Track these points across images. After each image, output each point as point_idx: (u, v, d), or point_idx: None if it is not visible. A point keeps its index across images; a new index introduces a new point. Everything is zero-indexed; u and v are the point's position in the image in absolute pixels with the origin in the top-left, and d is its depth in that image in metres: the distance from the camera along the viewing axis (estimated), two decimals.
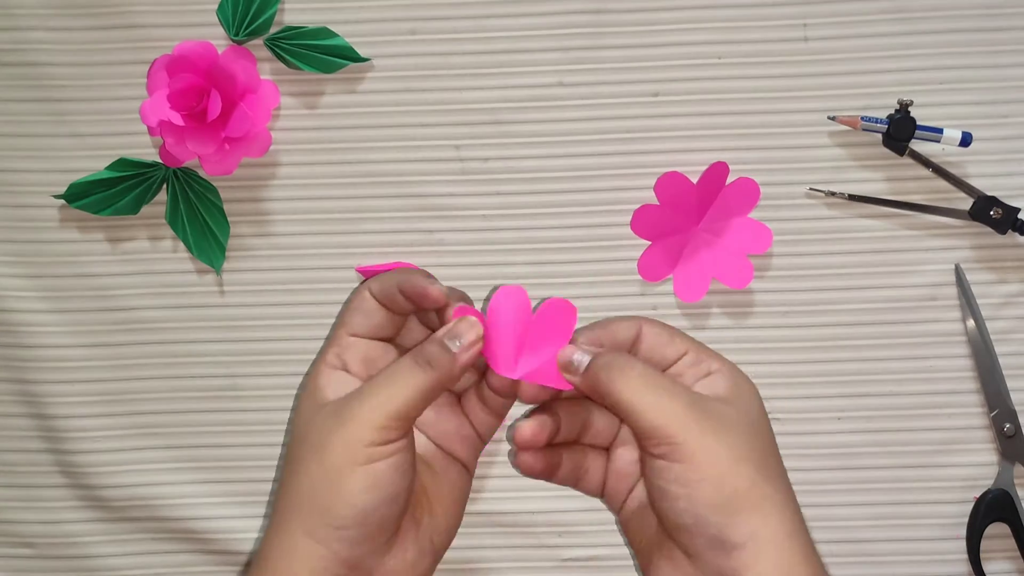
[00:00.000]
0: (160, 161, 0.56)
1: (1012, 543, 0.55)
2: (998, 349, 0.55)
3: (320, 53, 0.55)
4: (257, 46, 0.56)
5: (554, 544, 0.57)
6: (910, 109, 0.54)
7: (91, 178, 0.55)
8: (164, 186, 0.56)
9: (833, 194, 0.55)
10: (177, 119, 0.53)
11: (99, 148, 0.56)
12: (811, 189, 0.55)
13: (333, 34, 0.55)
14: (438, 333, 0.44)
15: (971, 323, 0.55)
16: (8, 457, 0.58)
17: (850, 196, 0.55)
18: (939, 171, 0.55)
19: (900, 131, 0.53)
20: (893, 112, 0.54)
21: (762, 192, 0.55)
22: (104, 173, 0.55)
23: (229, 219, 0.56)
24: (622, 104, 0.55)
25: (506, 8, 0.55)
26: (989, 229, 0.54)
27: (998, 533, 0.55)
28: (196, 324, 0.57)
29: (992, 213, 0.54)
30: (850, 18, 0.55)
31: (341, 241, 0.56)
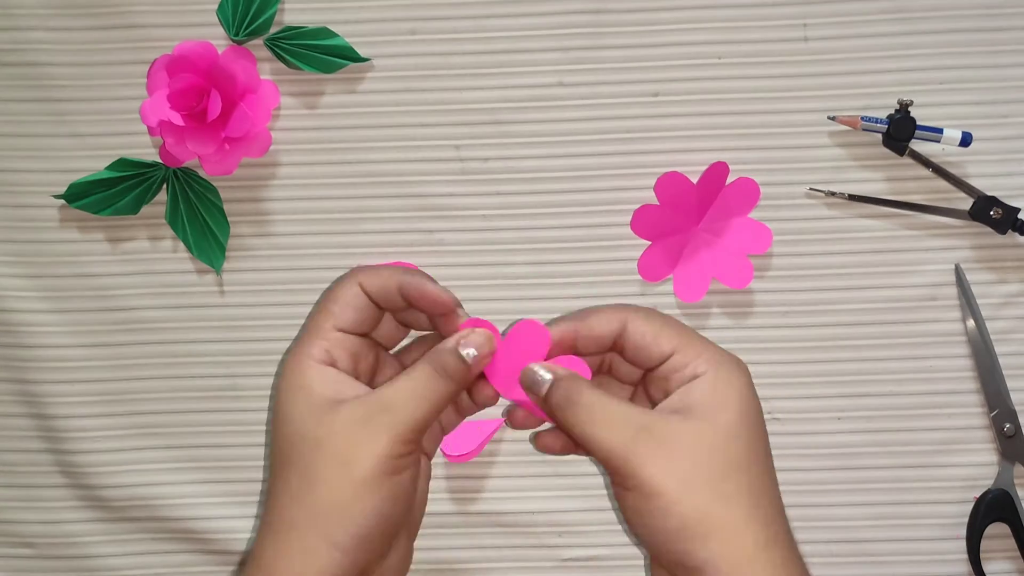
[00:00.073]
0: (160, 161, 0.56)
1: (1012, 543, 0.55)
2: (998, 349, 0.55)
3: (320, 53, 0.55)
4: (257, 46, 0.56)
5: (554, 544, 0.57)
6: (910, 109, 0.54)
7: (91, 178, 0.55)
8: (164, 186, 0.56)
9: (833, 194, 0.55)
10: (177, 119, 0.53)
11: (99, 148, 0.56)
12: (811, 189, 0.55)
13: (333, 34, 0.55)
14: (450, 342, 0.43)
15: (971, 323, 0.55)
16: (8, 457, 0.58)
17: (850, 196, 0.55)
18: (939, 171, 0.55)
19: (900, 131, 0.53)
20: (893, 112, 0.54)
21: (762, 192, 0.55)
22: (104, 173, 0.55)
23: (229, 219, 0.56)
24: (622, 104, 0.55)
25: (506, 8, 0.55)
26: (989, 229, 0.54)
27: (998, 533, 0.55)
28: (196, 324, 0.57)
29: (992, 213, 0.54)
30: (850, 18, 0.55)
31: (341, 241, 0.56)
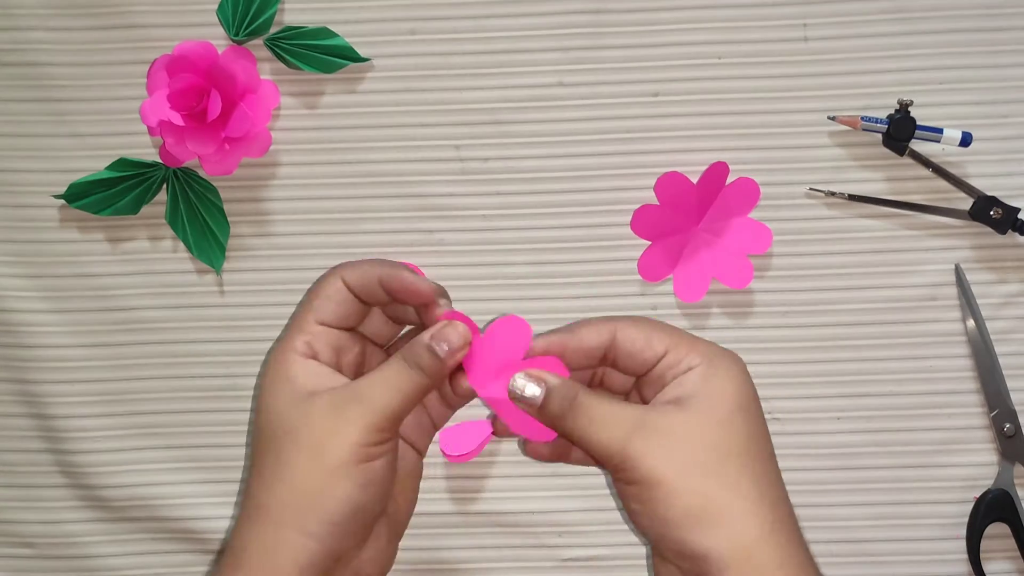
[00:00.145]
0: (160, 161, 0.56)
1: (1012, 543, 0.55)
2: (998, 349, 0.55)
3: (320, 53, 0.55)
4: (257, 46, 0.56)
5: (554, 544, 0.57)
6: (910, 109, 0.54)
7: (91, 178, 0.55)
8: (164, 186, 0.56)
9: (833, 194, 0.55)
10: (177, 119, 0.53)
11: (99, 148, 0.56)
12: (811, 189, 0.55)
13: (333, 34, 0.55)
14: (425, 336, 0.44)
15: (971, 323, 0.55)
16: (8, 457, 0.58)
17: (850, 196, 0.55)
18: (939, 171, 0.55)
19: (900, 131, 0.53)
20: (893, 112, 0.54)
21: (762, 192, 0.55)
22: (104, 173, 0.55)
23: (229, 219, 0.56)
24: (622, 104, 0.55)
25: (506, 8, 0.55)
26: (989, 229, 0.54)
27: (998, 533, 0.55)
28: (196, 324, 0.57)
29: (992, 213, 0.54)
30: (850, 18, 0.55)
31: (341, 241, 0.56)
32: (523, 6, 0.55)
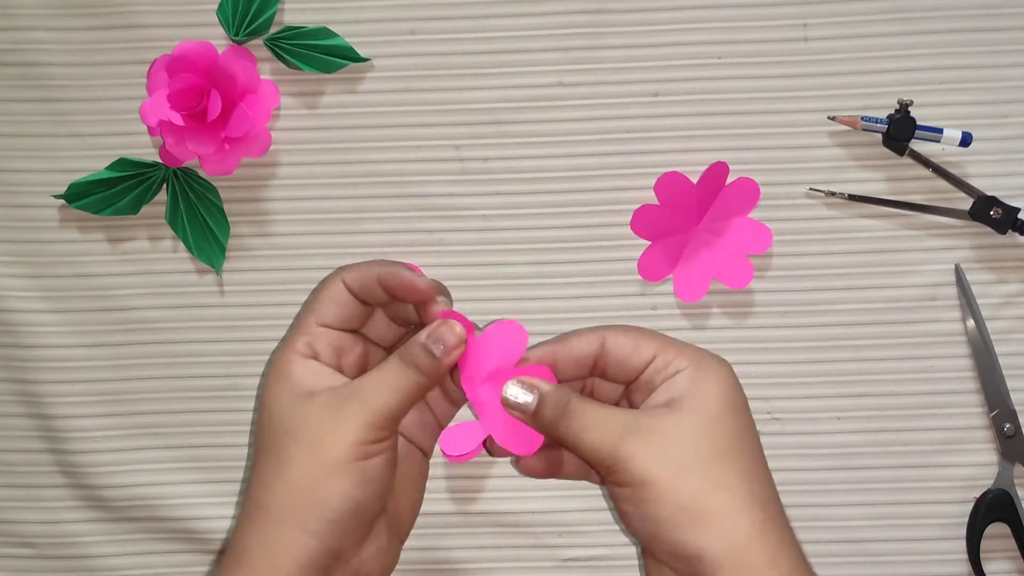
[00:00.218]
0: (160, 161, 0.56)
1: (1012, 543, 0.55)
2: (998, 349, 0.55)
3: (320, 53, 0.55)
4: (257, 46, 0.56)
5: (554, 544, 0.57)
6: (910, 109, 0.54)
7: (91, 178, 0.55)
8: (164, 186, 0.56)
9: (833, 194, 0.55)
10: (177, 119, 0.53)
11: (99, 148, 0.56)
12: (811, 189, 0.55)
13: (333, 34, 0.55)
14: (421, 335, 0.44)
15: (971, 323, 0.55)
16: (8, 457, 0.58)
17: (850, 196, 0.55)
18: (939, 171, 0.55)
19: (900, 131, 0.53)
20: (893, 112, 0.54)
21: (762, 192, 0.55)
22: (104, 173, 0.55)
23: (229, 219, 0.56)
24: (622, 104, 0.55)
25: (506, 8, 0.55)
26: (989, 229, 0.54)
27: (998, 533, 0.55)
28: (196, 324, 0.57)
29: (992, 213, 0.54)
30: (850, 18, 0.55)
31: (341, 241, 0.56)
32: (523, 6, 0.55)
